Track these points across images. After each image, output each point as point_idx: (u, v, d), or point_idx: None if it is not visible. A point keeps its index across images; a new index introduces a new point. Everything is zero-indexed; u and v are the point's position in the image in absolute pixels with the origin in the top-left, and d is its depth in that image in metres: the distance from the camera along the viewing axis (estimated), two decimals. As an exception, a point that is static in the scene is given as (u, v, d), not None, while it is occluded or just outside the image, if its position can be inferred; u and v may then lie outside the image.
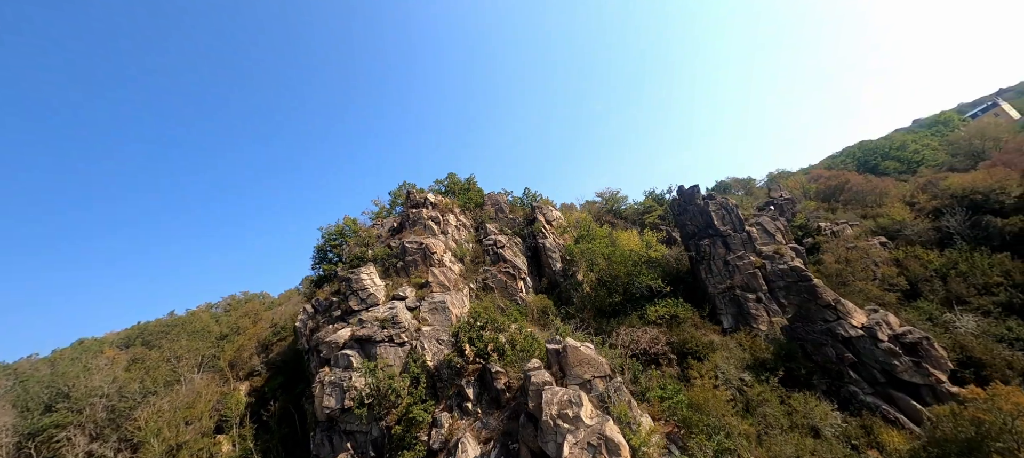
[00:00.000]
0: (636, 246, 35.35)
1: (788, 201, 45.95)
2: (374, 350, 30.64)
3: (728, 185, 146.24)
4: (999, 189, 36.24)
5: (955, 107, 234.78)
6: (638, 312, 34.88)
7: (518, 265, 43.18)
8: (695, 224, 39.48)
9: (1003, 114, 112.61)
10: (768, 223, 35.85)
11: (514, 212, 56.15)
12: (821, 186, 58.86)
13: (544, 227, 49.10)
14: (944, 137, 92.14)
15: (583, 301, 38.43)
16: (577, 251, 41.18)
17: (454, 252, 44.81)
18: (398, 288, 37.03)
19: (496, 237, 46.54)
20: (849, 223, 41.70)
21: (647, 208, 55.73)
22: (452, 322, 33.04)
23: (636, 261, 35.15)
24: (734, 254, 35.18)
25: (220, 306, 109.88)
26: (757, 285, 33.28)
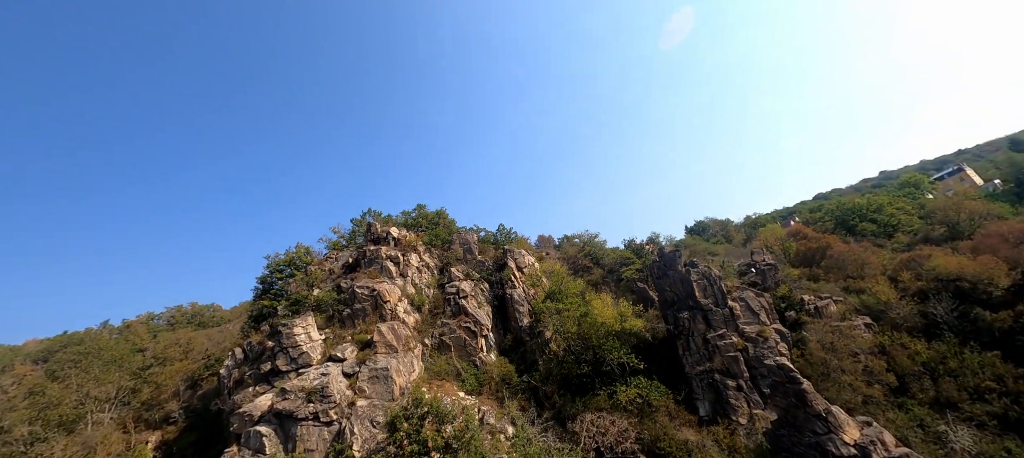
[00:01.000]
0: (610, 316, 31.92)
1: (771, 267, 43.72)
2: (294, 429, 25.63)
3: (707, 226, 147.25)
4: (987, 280, 34.70)
5: (918, 164, 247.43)
6: (608, 390, 31.13)
7: (480, 319, 38.96)
8: (675, 292, 36.40)
9: (968, 180, 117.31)
10: (752, 299, 33.05)
11: (484, 254, 52.19)
12: (802, 247, 57.41)
13: (513, 275, 45.26)
14: (916, 200, 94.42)
15: (549, 367, 34.41)
16: (546, 310, 37.37)
17: (412, 299, 40.30)
18: (338, 345, 32.19)
19: (460, 284, 42.33)
20: (833, 298, 39.53)
21: (625, 260, 52.82)
22: (394, 395, 28.40)
23: (609, 332, 31.58)
24: (715, 332, 32.06)
25: (163, 317, 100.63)
26: (738, 370, 30.09)
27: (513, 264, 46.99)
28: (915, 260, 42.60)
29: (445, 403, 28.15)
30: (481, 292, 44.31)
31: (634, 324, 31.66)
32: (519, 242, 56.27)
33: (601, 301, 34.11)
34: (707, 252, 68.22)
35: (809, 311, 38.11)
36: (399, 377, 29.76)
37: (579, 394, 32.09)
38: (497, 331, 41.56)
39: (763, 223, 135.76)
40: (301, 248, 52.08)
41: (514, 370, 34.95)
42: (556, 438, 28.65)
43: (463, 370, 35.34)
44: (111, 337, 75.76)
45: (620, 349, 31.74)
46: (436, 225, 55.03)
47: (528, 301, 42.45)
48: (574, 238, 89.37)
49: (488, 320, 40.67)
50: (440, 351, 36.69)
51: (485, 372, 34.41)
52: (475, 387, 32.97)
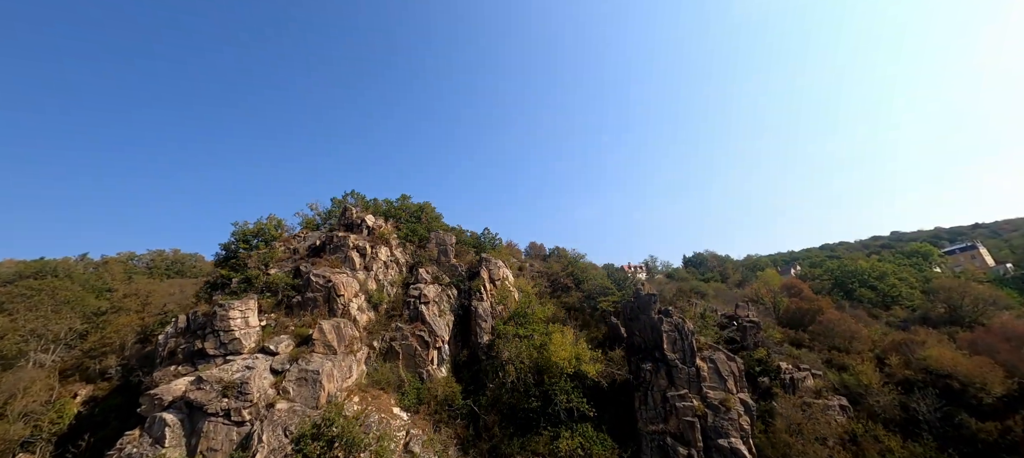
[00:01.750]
0: (565, 356, 29.60)
1: (753, 325, 41.15)
2: (202, 424, 23.71)
3: (705, 259, 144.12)
4: (979, 384, 32.02)
5: (932, 231, 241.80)
6: (552, 432, 28.98)
7: (437, 329, 36.85)
8: (643, 338, 34.06)
9: (979, 259, 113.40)
10: (723, 362, 30.61)
11: (461, 257, 50.02)
12: (793, 306, 54.65)
13: (484, 286, 43.05)
14: (921, 272, 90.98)
15: (498, 394, 32.24)
16: (504, 333, 35.19)
17: (370, 296, 38.27)
18: (276, 335, 30.26)
19: (425, 287, 40.22)
20: (812, 371, 36.96)
21: (604, 290, 50.39)
22: (319, 402, 26.40)
23: (562, 372, 29.33)
24: (676, 391, 29.72)
25: (143, 260, 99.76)
26: (693, 438, 27.78)
27: (486, 274, 44.79)
28: (907, 344, 39.86)
29: (372, 421, 26.18)
30: (447, 299, 42.22)
31: (588, 369, 29.36)
32: (500, 250, 54.05)
33: (561, 336, 31.81)
34: (695, 292, 65.65)
35: (784, 381, 35.62)
36: (330, 382, 27.75)
37: (522, 431, 29.97)
38: (455, 344, 39.49)
39: (763, 266, 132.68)
40: (272, 220, 50.19)
41: (459, 392, 32.86)
42: (485, 478, 26.58)
43: (408, 381, 33.34)
44: (84, 271, 74.65)
45: (572, 392, 29.53)
46: (416, 219, 52.86)
47: (492, 317, 40.28)
48: (565, 252, 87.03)
49: (446, 330, 38.58)
50: (387, 357, 34.69)
51: (429, 388, 32.35)
52: (414, 404, 30.95)
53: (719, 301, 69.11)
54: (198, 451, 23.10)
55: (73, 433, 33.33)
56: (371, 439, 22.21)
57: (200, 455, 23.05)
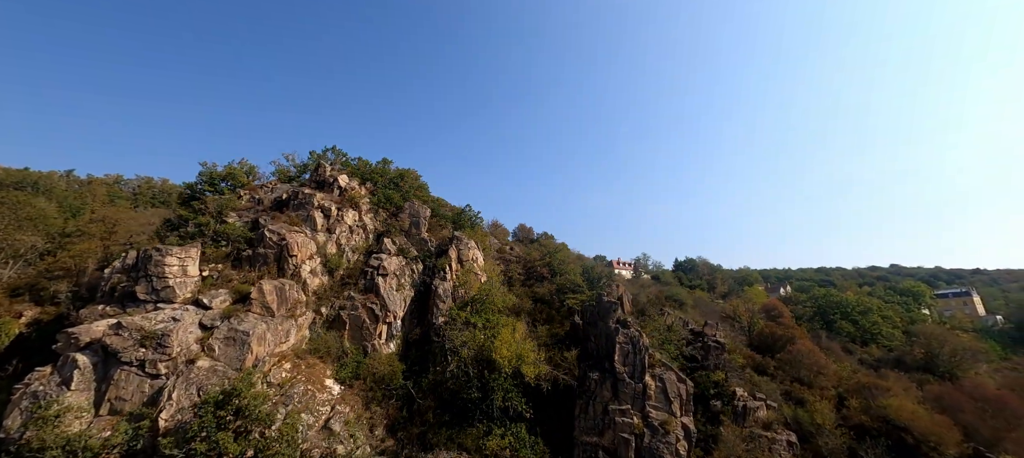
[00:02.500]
0: (508, 352, 28.32)
1: (718, 347, 39.87)
2: (114, 371, 22.80)
3: (696, 265, 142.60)
4: (934, 442, 30.94)
5: (932, 270, 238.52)
6: (486, 427, 28.17)
7: (390, 304, 35.71)
8: (598, 346, 32.87)
9: (971, 307, 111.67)
10: (672, 383, 29.46)
11: (434, 232, 48.47)
12: (767, 331, 53.36)
13: (449, 266, 41.70)
14: (909, 311, 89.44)
15: (439, 379, 31.31)
16: (456, 318, 34.03)
17: (327, 260, 36.95)
18: (214, 289, 29.08)
19: (386, 259, 38.85)
20: (767, 402, 35.94)
21: (574, 286, 48.98)
22: (244, 364, 25.45)
23: (502, 369, 28.17)
24: (619, 405, 28.71)
25: (130, 185, 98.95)
26: (625, 455, 26.92)
27: (454, 254, 43.33)
28: (871, 388, 38.67)
29: (296, 391, 25.26)
30: (410, 273, 40.94)
31: (527, 370, 28.18)
32: (477, 231, 52.42)
33: (509, 332, 30.55)
34: (673, 299, 64.36)
35: (736, 409, 34.62)
36: (260, 346, 26.74)
37: (456, 421, 29.19)
38: (411, 321, 38.47)
39: (752, 281, 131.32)
40: (244, 165, 48.45)
41: (401, 371, 31.96)
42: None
43: (351, 353, 32.44)
44: (67, 188, 73.63)
45: (511, 391, 28.52)
46: (395, 186, 51.00)
47: (452, 298, 39.06)
48: (549, 240, 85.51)
49: (402, 306, 37.48)
50: (333, 326, 33.70)
51: (370, 364, 31.43)
52: (350, 377, 30.09)
53: (696, 312, 67.98)
54: (106, 398, 22.28)
55: (8, 354, 32.81)
56: (282, 414, 21.16)
57: (107, 403, 22.26)
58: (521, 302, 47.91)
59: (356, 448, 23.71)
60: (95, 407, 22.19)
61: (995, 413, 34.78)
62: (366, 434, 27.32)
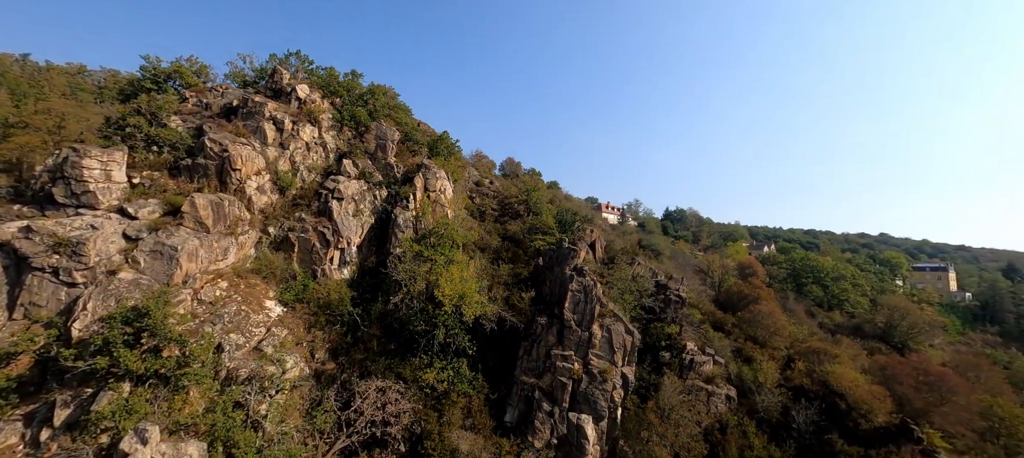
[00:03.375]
0: (451, 290, 27.29)
1: (678, 301, 39.64)
2: (26, 276, 21.61)
3: (685, 216, 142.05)
4: (865, 409, 31.93)
5: (919, 242, 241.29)
6: (427, 359, 28.26)
7: (343, 229, 34.26)
8: (551, 290, 32.22)
9: (945, 282, 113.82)
10: (618, 334, 29.25)
11: (402, 158, 45.69)
12: (734, 289, 53.44)
13: (414, 194, 39.75)
14: (882, 281, 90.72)
15: (387, 310, 30.92)
16: (409, 250, 32.87)
17: (278, 178, 34.72)
18: (143, 198, 27.14)
19: (344, 182, 36.68)
20: (715, 357, 36.57)
21: (545, 228, 47.45)
22: (172, 280, 24.39)
23: (445, 306, 27.46)
24: (562, 351, 28.69)
25: (95, 77, 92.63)
26: (560, 397, 27.43)
27: (420, 182, 41.15)
28: (820, 354, 39.38)
29: (228, 311, 24.55)
30: (371, 200, 39.07)
31: (468, 311, 27.44)
32: (450, 162, 49.52)
33: (458, 269, 29.48)
34: (649, 249, 63.81)
35: (683, 361, 35.22)
36: (191, 262, 25.52)
37: (401, 351, 29.25)
38: (369, 249, 37.36)
39: (737, 237, 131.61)
40: (194, 63, 44.10)
41: (350, 298, 31.41)
42: (340, 390, 26.15)
43: (299, 276, 31.61)
44: (21, 72, 68.24)
45: (455, 328, 28.15)
46: (363, 103, 47.07)
47: (411, 227, 37.65)
48: (535, 177, 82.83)
49: (358, 233, 36.12)
50: (281, 247, 32.46)
51: (315, 289, 30.72)
52: (293, 300, 29.50)
53: (672, 264, 68.00)
54: (19, 302, 21.31)
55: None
56: (187, 338, 20.31)
57: (21, 307, 21.33)
58: (489, 238, 46.88)
59: (284, 370, 23.55)
60: (8, 310, 21.29)
61: (931, 387, 35.77)
62: (305, 357, 27.32)
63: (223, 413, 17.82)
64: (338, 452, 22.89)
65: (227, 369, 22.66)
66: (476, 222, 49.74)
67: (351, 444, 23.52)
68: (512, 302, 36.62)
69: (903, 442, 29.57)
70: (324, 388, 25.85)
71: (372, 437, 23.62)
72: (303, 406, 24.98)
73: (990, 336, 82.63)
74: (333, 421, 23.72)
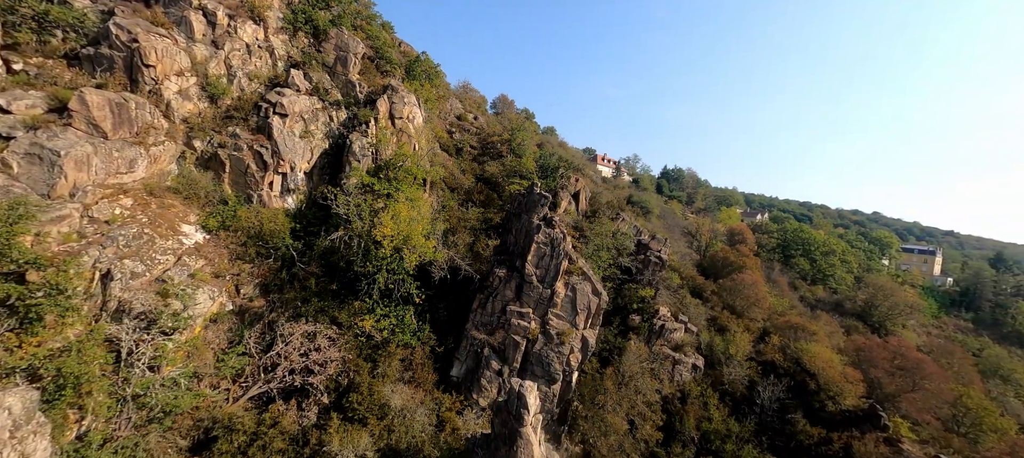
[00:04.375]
0: (390, 230, 23.34)
1: (658, 263, 36.83)
2: None
3: (683, 175, 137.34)
4: (835, 391, 30.44)
5: (911, 223, 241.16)
6: (368, 304, 25.32)
7: (285, 151, 29.85)
8: (516, 240, 28.84)
9: (929, 265, 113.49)
10: (584, 294, 26.39)
11: (368, 77, 40.01)
12: (718, 255, 50.78)
13: (375, 120, 34.90)
14: (869, 259, 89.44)
15: (332, 248, 27.46)
16: (361, 183, 28.88)
17: (207, 83, 29.47)
18: (22, 88, 22.23)
19: (289, 97, 31.57)
20: (687, 325, 34.50)
21: (523, 172, 43.11)
22: (55, 192, 20.35)
23: (389, 244, 23.88)
24: (519, 308, 25.93)
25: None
26: (511, 357, 25.12)
27: (385, 107, 36.11)
28: (797, 330, 37.59)
29: (125, 233, 20.86)
30: (325, 121, 34.21)
31: (410, 256, 23.93)
32: (424, 86, 43.79)
33: (408, 207, 25.56)
34: (638, 205, 60.27)
35: (653, 328, 33.04)
36: (81, 171, 21.30)
37: (343, 293, 26.27)
38: (320, 176, 33.16)
39: (732, 202, 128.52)
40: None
41: (290, 229, 27.83)
42: (265, 331, 23.37)
43: (231, 200, 27.68)
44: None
45: (402, 273, 24.93)
46: (326, 5, 40.25)
47: (370, 156, 33.31)
48: (528, 117, 76.87)
49: (305, 157, 31.73)
50: (209, 166, 28.15)
51: (247, 216, 26.94)
52: (218, 226, 25.81)
53: (661, 223, 64.93)
54: None
55: None
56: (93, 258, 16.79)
57: None
58: (463, 178, 42.76)
59: (188, 306, 20.39)
60: None
61: (905, 372, 34.41)
62: (229, 292, 24.20)
63: (77, 353, 14.77)
64: (251, 399, 20.47)
65: (118, 300, 19.42)
66: (451, 158, 45.26)
67: (268, 391, 21.09)
68: (477, 249, 33.48)
69: (868, 428, 28.32)
70: (246, 327, 22.99)
71: (293, 386, 21.14)
72: (219, 346, 22.23)
73: (963, 322, 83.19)
74: (247, 365, 21.06)
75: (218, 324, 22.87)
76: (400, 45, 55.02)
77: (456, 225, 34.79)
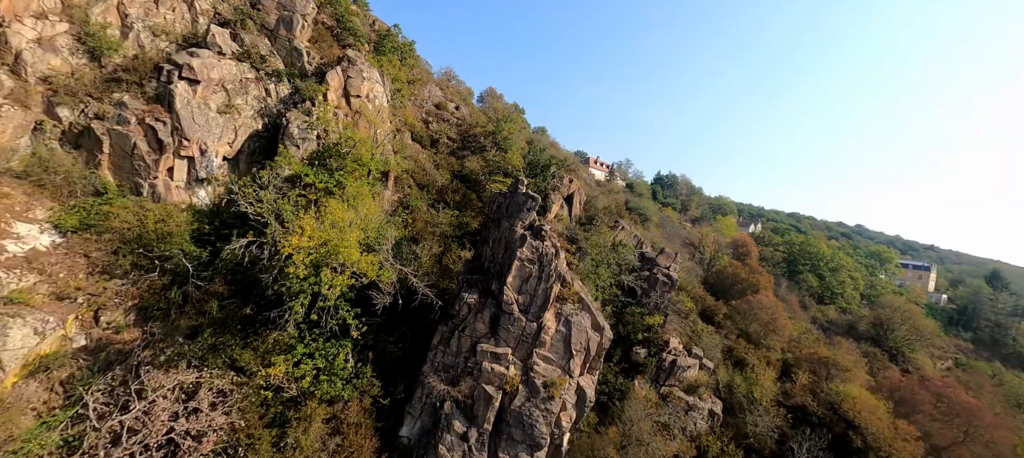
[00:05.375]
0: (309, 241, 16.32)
1: (668, 283, 30.60)
2: None
3: (676, 181, 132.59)
4: (888, 450, 24.52)
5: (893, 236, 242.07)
6: (285, 339, 18.26)
7: (192, 128, 22.67)
8: (494, 255, 22.22)
9: (924, 281, 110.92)
10: (580, 329, 19.93)
11: (321, 45, 32.98)
12: (728, 271, 44.96)
13: (325, 96, 27.96)
14: (873, 274, 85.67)
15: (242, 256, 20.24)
16: (298, 173, 21.89)
17: (87, 35, 22.08)
18: None
19: (210, 60, 24.47)
20: (702, 360, 28.39)
21: (506, 168, 36.62)
22: None
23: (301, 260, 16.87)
24: (494, 347, 19.29)
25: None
26: (482, 415, 18.45)
27: (337, 81, 29.26)
28: (822, 364, 31.81)
29: None
30: (259, 95, 27.13)
31: (328, 280, 16.82)
32: (393, 61, 36.83)
33: (341, 205, 18.47)
34: (636, 212, 54.35)
35: (662, 364, 26.76)
36: None
37: (253, 323, 19.19)
38: (248, 165, 25.97)
39: (727, 211, 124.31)
40: None
41: (190, 232, 20.69)
42: (124, 379, 16.18)
43: (109, 188, 20.40)
44: None
45: (339, 299, 17.96)
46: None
47: (316, 140, 26.30)
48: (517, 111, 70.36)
49: (223, 139, 24.57)
50: (80, 144, 20.78)
51: (123, 214, 19.66)
52: (78, 225, 18.53)
53: (660, 232, 59.14)
54: None
55: None
56: None
57: None
58: (436, 174, 35.95)
59: None
60: None
61: (949, 419, 28.99)
62: (82, 320, 16.96)
63: None
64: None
65: None
66: (424, 151, 38.39)
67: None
68: (446, 263, 26.70)
69: (931, 502, 22.49)
70: (94, 376, 15.80)
71: None
72: (45, 405, 15.01)
73: (963, 342, 79.68)
74: (83, 435, 13.96)
75: (52, 371, 15.63)
76: (374, 23, 48.09)
77: (423, 231, 28.00)
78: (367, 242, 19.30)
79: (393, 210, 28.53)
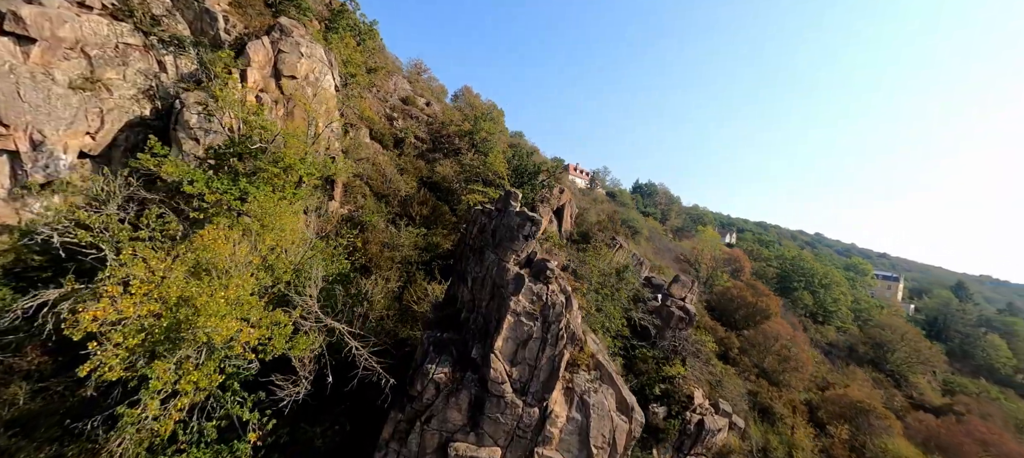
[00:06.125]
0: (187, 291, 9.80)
1: (683, 317, 25.20)
2: None
3: (656, 190, 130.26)
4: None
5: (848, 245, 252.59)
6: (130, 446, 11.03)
7: (19, 111, 14.94)
8: (474, 299, 15.67)
9: (892, 292, 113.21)
10: (602, 414, 13.78)
11: (250, 12, 25.53)
12: (732, 293, 40.19)
13: (243, 76, 20.67)
14: (852, 284, 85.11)
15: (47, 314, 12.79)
16: (170, 184, 14.62)
17: None
18: None
19: (56, 10, 16.66)
20: (732, 418, 22.97)
21: (486, 175, 30.30)
22: None
23: (161, 336, 10.03)
24: (475, 445, 12.76)
25: None
26: None
27: (261, 56, 22.21)
28: (861, 411, 27.15)
29: None
30: (144, 68, 19.64)
31: (196, 376, 10.13)
32: (352, 44, 29.78)
33: (222, 240, 11.62)
34: (628, 225, 49.21)
35: (687, 426, 21.02)
36: None
37: (80, 417, 11.71)
38: (121, 159, 18.26)
39: (706, 221, 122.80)
40: None
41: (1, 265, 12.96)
42: None
43: None
44: None
45: (224, 388, 10.88)
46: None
47: (230, 137, 18.91)
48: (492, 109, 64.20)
49: (81, 126, 16.91)
50: None
51: None
52: None
53: (650, 247, 54.39)
54: None
55: None
56: None
57: None
58: (400, 181, 29.00)
59: None
60: None
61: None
62: None
63: None
64: None
65: None
66: (386, 153, 31.34)
67: None
68: (407, 301, 19.83)
69: None
70: None
71: None
72: None
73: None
74: None
75: None
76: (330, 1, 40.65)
77: (377, 257, 21.08)
78: (277, 290, 12.31)
79: (337, 230, 21.39)
